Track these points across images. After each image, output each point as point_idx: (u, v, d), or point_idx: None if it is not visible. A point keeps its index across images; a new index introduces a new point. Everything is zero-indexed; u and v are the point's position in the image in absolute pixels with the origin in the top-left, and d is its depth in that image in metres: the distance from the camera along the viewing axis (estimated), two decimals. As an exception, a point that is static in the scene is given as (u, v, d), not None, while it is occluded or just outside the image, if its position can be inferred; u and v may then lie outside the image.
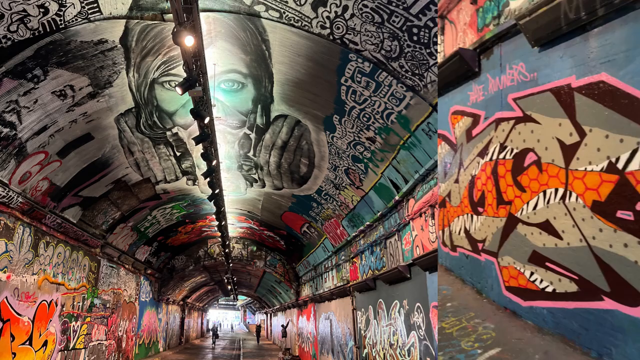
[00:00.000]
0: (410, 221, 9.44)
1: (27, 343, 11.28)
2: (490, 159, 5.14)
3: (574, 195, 3.58)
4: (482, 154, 5.38)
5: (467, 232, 6.06)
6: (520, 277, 4.46)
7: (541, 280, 4.05)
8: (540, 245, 4.08)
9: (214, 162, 11.45)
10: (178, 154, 13.46)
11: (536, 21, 3.86)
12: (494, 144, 5.06)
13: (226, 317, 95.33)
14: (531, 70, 4.19)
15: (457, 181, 6.35)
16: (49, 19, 7.29)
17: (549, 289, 3.92)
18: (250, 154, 13.33)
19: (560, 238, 3.76)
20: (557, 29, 3.65)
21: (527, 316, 4.31)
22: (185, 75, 7.71)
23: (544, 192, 3.98)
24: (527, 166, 4.27)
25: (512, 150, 4.64)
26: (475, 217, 5.72)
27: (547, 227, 3.95)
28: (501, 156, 4.86)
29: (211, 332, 50.27)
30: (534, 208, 4.15)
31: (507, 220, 4.73)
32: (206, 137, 9.93)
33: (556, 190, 3.81)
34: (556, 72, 3.78)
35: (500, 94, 4.89)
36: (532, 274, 4.23)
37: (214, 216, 17.78)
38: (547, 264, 3.96)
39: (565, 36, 3.62)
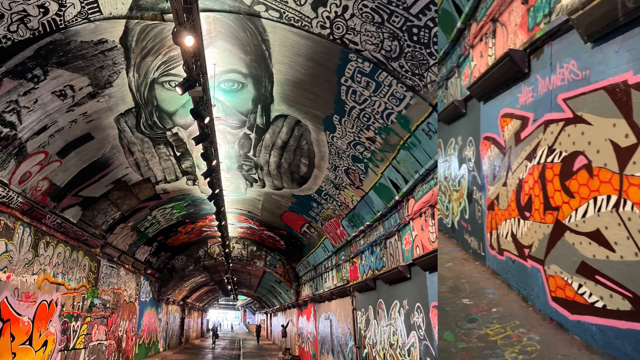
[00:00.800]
0: (410, 221, 9.44)
1: (27, 343, 11.28)
2: (538, 163, 4.95)
3: (629, 203, 3.26)
4: (530, 157, 5.20)
5: (513, 236, 5.91)
6: (567, 288, 4.22)
7: (590, 294, 3.78)
8: (589, 257, 3.81)
9: (214, 162, 11.45)
10: (178, 154, 13.47)
11: (590, 14, 3.56)
12: (542, 147, 4.86)
13: (226, 317, 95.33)
14: (583, 68, 3.93)
15: (505, 184, 6.24)
16: (49, 19, 7.29)
17: (599, 305, 3.63)
18: (250, 154, 13.33)
19: (613, 250, 3.47)
20: (613, 21, 3.34)
21: (574, 331, 4.06)
22: (185, 75, 7.71)
23: (595, 199, 3.69)
24: (577, 170, 4.01)
25: (560, 153, 4.38)
26: (522, 221, 5.54)
27: (597, 237, 3.67)
28: (549, 159, 4.65)
29: (211, 332, 50.27)
30: (584, 216, 3.87)
31: (554, 227, 4.49)
32: (206, 137, 9.93)
33: (608, 198, 3.50)
34: (611, 68, 3.49)
35: (549, 94, 4.67)
36: (580, 286, 3.96)
37: (214, 216, 17.78)
38: (597, 277, 3.67)
39: (622, 28, 3.33)
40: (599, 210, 3.62)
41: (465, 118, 8.68)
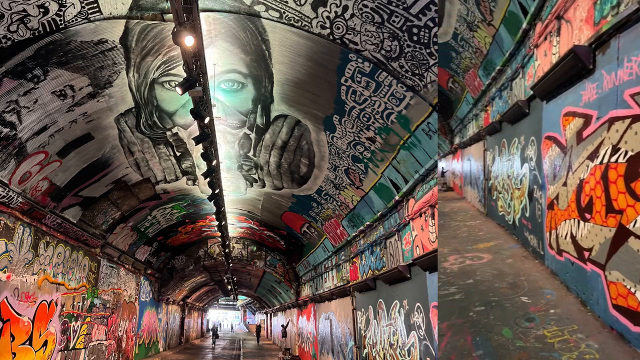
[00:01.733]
0: (410, 221, 9.44)
1: (27, 343, 11.29)
2: (601, 163, 4.77)
3: None
4: (592, 156, 5.04)
5: (573, 237, 5.76)
6: (630, 297, 4.05)
7: None
8: None
9: (214, 162, 11.45)
10: (178, 154, 13.47)
11: None
12: (605, 146, 4.67)
13: (226, 317, 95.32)
14: None
15: (565, 184, 6.12)
16: (49, 19, 7.29)
17: None
18: (250, 154, 13.34)
19: None
20: None
21: (638, 343, 3.87)
22: (185, 75, 7.71)
23: None
24: None
25: (626, 152, 4.18)
26: (582, 223, 5.40)
27: None
28: (613, 159, 4.46)
29: (211, 332, 50.27)
30: None
31: (617, 231, 4.31)
32: (206, 137, 9.93)
33: None
34: None
35: (615, 90, 4.47)
36: None
37: (214, 216, 17.78)
38: None
39: None
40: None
41: (528, 118, 8.67)
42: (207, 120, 9.33)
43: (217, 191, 13.54)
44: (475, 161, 15.97)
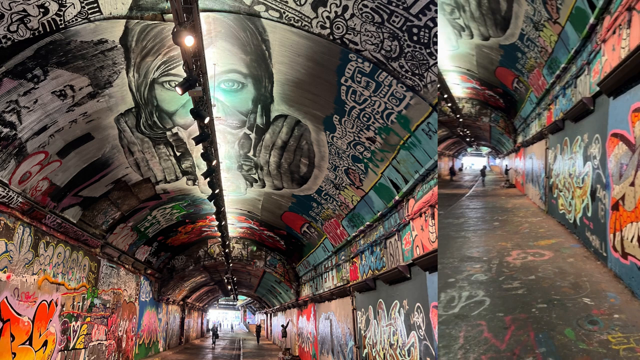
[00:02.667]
0: (410, 221, 9.44)
1: (27, 343, 11.28)
2: None
3: None
4: None
5: None
6: None
7: None
8: None
9: (214, 162, 11.45)
10: (178, 154, 13.46)
11: None
12: None
13: (226, 317, 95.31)
14: None
15: (632, 184, 6.00)
16: (49, 19, 7.29)
17: None
18: (250, 154, 13.33)
19: None
20: None
21: None
22: (185, 75, 7.71)
23: None
24: None
25: None
26: None
27: None
28: None
29: (211, 332, 50.26)
30: None
31: None
32: (206, 137, 9.93)
33: None
34: None
35: None
36: None
37: (214, 216, 17.78)
38: None
39: None
40: None
41: (593, 115, 8.58)
42: (207, 120, 9.33)
43: (217, 191, 13.54)
44: (537, 159, 16.18)
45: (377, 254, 11.75)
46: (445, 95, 20.60)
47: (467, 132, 31.22)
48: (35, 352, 11.71)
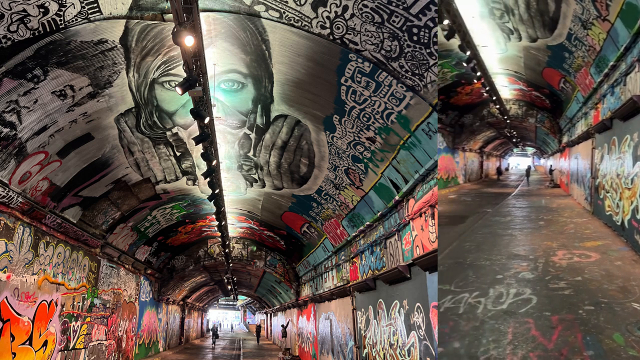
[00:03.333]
0: (410, 221, 9.44)
1: (27, 343, 11.28)
2: None
3: None
4: None
5: None
6: None
7: None
8: None
9: (214, 162, 11.45)
10: (178, 154, 13.46)
11: None
12: None
13: (226, 317, 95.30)
14: None
15: None
16: (49, 19, 7.29)
17: None
18: (250, 154, 13.33)
19: None
20: None
21: None
22: (185, 75, 7.71)
23: None
24: None
25: None
26: None
27: None
28: None
29: (211, 332, 50.25)
30: None
31: None
32: (206, 137, 9.93)
33: None
34: None
35: None
36: None
37: (214, 216, 17.78)
38: None
39: None
40: None
41: (410, 282, 8.62)
42: (207, 120, 9.33)
43: (217, 191, 13.54)
44: (583, 159, 16.15)
45: (377, 254, 11.75)
46: (494, 98, 20.82)
47: (514, 132, 31.53)
48: (35, 352, 11.71)
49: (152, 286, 25.40)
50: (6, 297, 10.25)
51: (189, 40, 6.77)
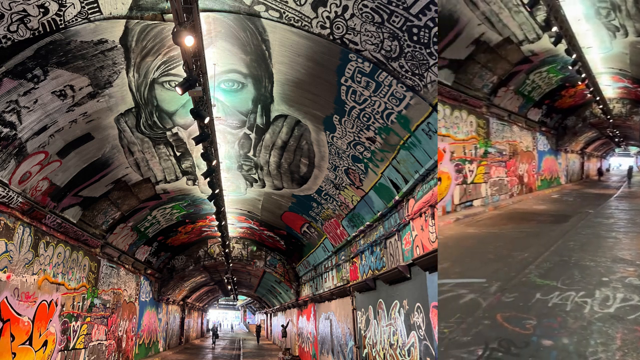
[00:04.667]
0: (410, 221, 9.44)
1: (27, 343, 11.28)
2: None
3: None
4: None
5: None
6: None
7: None
8: None
9: (214, 162, 11.45)
10: (178, 154, 13.46)
11: None
12: None
13: (226, 317, 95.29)
14: None
15: None
16: (49, 19, 7.29)
17: None
18: (250, 154, 13.33)
19: None
20: None
21: None
22: (185, 75, 7.71)
23: None
24: None
25: None
26: None
27: None
28: None
29: (211, 332, 50.25)
30: None
31: None
32: (206, 137, 9.93)
33: None
34: None
35: None
36: None
37: (214, 216, 17.78)
38: None
39: None
40: None
41: (410, 282, 8.54)
42: (207, 120, 9.33)
43: (217, 191, 13.54)
44: None
45: (377, 254, 11.75)
46: (597, 98, 20.76)
47: (617, 132, 31.32)
48: (35, 352, 11.71)
49: (152, 286, 25.40)
50: (6, 297, 10.25)
51: (189, 40, 6.77)
